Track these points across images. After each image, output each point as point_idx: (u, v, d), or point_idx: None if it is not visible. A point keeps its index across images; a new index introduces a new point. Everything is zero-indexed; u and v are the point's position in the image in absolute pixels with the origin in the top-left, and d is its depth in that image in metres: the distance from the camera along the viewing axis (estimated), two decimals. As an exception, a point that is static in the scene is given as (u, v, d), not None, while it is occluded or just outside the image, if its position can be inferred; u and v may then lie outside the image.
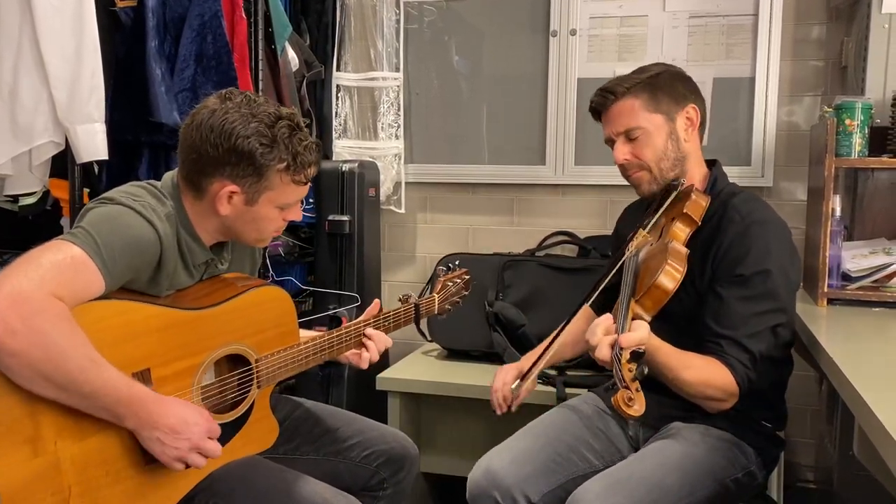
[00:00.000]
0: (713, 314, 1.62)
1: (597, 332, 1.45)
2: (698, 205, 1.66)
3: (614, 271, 1.64)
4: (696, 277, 1.66)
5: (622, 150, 1.73)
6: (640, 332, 1.44)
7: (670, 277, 1.51)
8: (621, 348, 1.38)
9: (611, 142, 1.77)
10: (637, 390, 1.33)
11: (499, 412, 1.81)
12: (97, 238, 1.31)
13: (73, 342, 1.23)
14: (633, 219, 1.92)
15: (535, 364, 1.73)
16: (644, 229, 1.67)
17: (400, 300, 1.80)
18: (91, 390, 1.24)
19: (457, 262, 2.00)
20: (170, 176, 1.52)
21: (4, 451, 1.20)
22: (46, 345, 1.19)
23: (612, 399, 1.33)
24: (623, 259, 1.64)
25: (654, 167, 1.72)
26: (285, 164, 1.44)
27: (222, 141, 1.41)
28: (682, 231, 1.64)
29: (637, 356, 1.37)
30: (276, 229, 1.55)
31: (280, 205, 1.50)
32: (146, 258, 1.38)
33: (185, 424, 1.33)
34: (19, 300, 1.19)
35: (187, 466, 1.35)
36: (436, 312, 1.88)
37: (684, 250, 1.59)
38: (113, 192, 1.42)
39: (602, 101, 1.75)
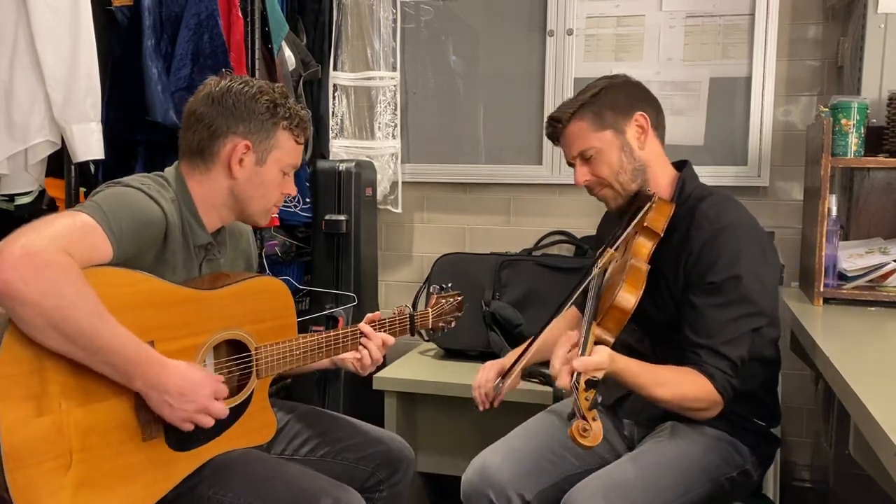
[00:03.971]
0: (689, 324, 1.60)
1: (556, 357, 1.43)
2: (660, 216, 1.63)
3: (585, 284, 1.62)
4: (672, 285, 1.65)
5: (581, 172, 1.74)
6: (597, 357, 1.41)
7: (627, 298, 1.49)
8: (578, 374, 1.37)
9: (572, 165, 1.77)
10: (594, 419, 1.31)
11: (481, 408, 1.78)
12: (105, 209, 1.35)
13: (84, 295, 1.26)
14: (611, 224, 1.91)
15: (516, 362, 1.71)
16: (611, 247, 1.65)
17: (395, 311, 1.82)
18: (100, 345, 1.27)
19: (449, 285, 1.99)
20: (173, 166, 1.58)
21: (10, 403, 1.21)
22: (58, 294, 1.22)
23: (568, 430, 1.31)
24: (589, 279, 1.62)
25: (613, 182, 1.70)
26: (288, 121, 1.57)
27: (235, 100, 1.53)
28: (644, 246, 1.61)
29: (593, 384, 1.35)
30: (277, 201, 1.63)
31: (283, 167, 1.59)
32: (152, 232, 1.42)
33: (192, 385, 1.37)
34: (32, 252, 1.22)
35: (196, 427, 1.39)
36: (429, 327, 1.90)
37: (644, 267, 1.56)
38: (120, 179, 1.48)
39: (552, 130, 1.76)
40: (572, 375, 1.38)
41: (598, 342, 1.47)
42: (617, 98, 1.71)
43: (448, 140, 2.97)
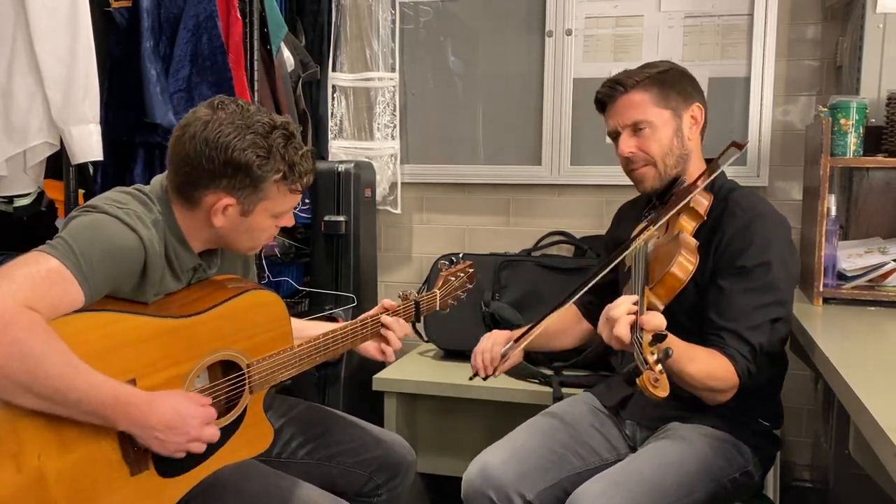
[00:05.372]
0: (715, 306, 1.62)
1: (620, 307, 1.42)
2: (703, 199, 1.67)
3: (616, 262, 1.63)
4: (697, 272, 1.66)
5: (628, 143, 1.72)
6: (660, 319, 1.42)
7: (684, 267, 1.51)
8: (642, 330, 1.37)
9: (615, 134, 1.75)
10: (661, 372, 1.32)
11: (482, 374, 1.77)
12: (75, 248, 1.27)
13: (51, 350, 1.20)
14: (628, 218, 1.92)
15: (527, 332, 1.71)
16: (653, 225, 1.66)
17: (400, 297, 1.77)
18: (77, 397, 1.22)
19: (460, 256, 1.97)
20: (159, 180, 1.49)
21: None
22: (23, 354, 1.17)
23: (637, 381, 1.30)
24: (629, 250, 1.63)
25: (659, 162, 1.71)
26: (282, 174, 1.43)
27: (218, 154, 1.38)
28: (688, 224, 1.64)
29: (659, 339, 1.36)
30: (268, 237, 1.55)
31: (275, 213, 1.49)
32: (128, 266, 1.34)
33: (179, 417, 1.32)
34: None
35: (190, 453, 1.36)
36: (437, 308, 1.85)
37: (694, 241, 1.58)
38: (97, 200, 1.39)
39: (611, 92, 1.73)
40: (633, 331, 1.38)
41: (649, 308, 1.47)
42: (683, 83, 1.74)
43: (447, 141, 2.97)
